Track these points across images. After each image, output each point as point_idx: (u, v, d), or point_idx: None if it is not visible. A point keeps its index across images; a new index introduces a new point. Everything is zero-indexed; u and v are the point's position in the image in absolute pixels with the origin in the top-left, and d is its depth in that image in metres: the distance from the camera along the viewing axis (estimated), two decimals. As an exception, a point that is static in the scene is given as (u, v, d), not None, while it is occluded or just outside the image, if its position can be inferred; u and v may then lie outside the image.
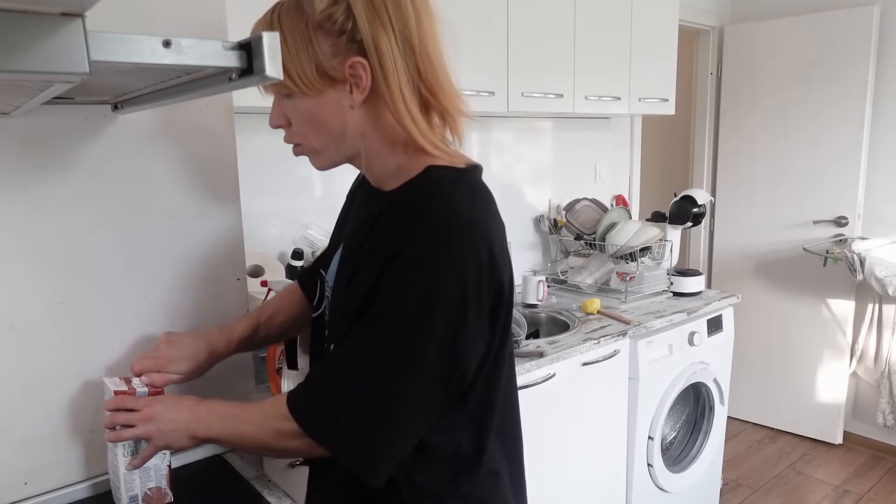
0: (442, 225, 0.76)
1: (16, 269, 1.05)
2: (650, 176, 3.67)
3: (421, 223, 0.76)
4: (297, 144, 0.87)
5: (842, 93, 3.03)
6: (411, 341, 0.75)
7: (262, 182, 1.95)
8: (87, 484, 1.13)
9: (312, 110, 0.82)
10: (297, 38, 0.77)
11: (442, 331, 0.75)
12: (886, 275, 2.74)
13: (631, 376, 2.10)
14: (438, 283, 0.75)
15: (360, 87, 0.79)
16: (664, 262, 2.57)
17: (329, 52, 0.77)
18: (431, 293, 0.75)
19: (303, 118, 0.83)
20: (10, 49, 0.49)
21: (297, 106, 0.82)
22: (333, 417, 0.78)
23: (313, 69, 0.78)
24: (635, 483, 2.18)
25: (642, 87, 2.59)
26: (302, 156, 0.89)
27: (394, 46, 0.77)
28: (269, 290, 1.73)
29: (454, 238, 0.76)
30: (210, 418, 0.87)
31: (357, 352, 0.78)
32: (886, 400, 3.08)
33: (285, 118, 0.85)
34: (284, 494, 1.09)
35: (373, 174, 0.89)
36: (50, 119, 1.04)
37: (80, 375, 1.12)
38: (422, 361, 0.76)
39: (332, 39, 0.77)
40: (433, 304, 0.75)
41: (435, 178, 0.82)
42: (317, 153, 0.87)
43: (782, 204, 3.29)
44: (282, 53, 0.72)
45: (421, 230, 0.76)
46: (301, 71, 0.78)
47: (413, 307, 0.75)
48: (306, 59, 0.78)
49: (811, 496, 2.88)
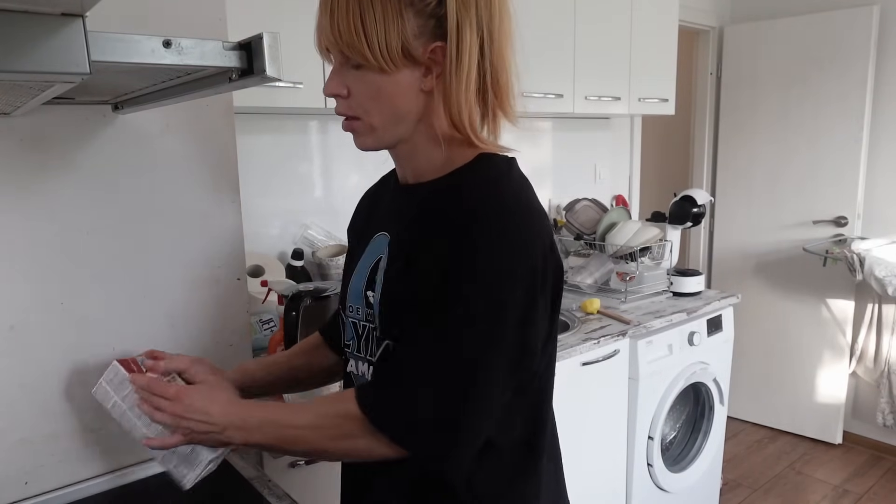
0: (513, 212, 0.77)
1: (16, 269, 1.05)
2: (650, 176, 3.67)
3: (491, 210, 0.76)
4: (352, 118, 0.82)
5: (841, 93, 3.03)
6: (490, 329, 0.75)
7: (262, 182, 1.95)
8: (87, 484, 1.13)
9: (383, 86, 0.78)
10: (389, 11, 0.74)
11: (517, 317, 0.76)
12: (886, 275, 2.73)
13: (631, 376, 2.10)
14: (513, 270, 0.75)
15: (436, 72, 0.78)
16: (664, 262, 2.56)
17: (415, 32, 0.76)
18: (507, 281, 0.75)
19: (370, 92, 0.79)
20: (11, 49, 0.49)
21: (366, 79, 0.78)
22: (415, 414, 0.76)
23: (399, 45, 0.75)
24: (635, 483, 2.18)
25: (642, 87, 2.59)
26: (349, 131, 0.84)
27: (475, 38, 0.77)
28: (270, 290, 1.74)
29: (524, 224, 0.77)
30: (249, 425, 0.82)
31: (434, 344, 0.76)
32: (886, 400, 3.08)
33: (346, 88, 0.80)
34: (285, 494, 1.09)
35: (414, 165, 0.87)
36: (50, 119, 1.04)
37: (80, 375, 1.12)
38: (500, 349, 0.76)
39: (420, 20, 0.76)
40: (509, 292, 0.75)
41: (492, 165, 0.83)
42: (371, 131, 0.82)
43: (782, 204, 3.29)
44: (366, 23, 0.73)
45: (492, 218, 0.76)
46: (387, 44, 0.75)
47: (490, 296, 0.74)
48: (394, 33, 0.75)
49: (811, 496, 2.88)
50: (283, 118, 1.96)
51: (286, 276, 1.91)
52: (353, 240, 1.00)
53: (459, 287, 0.75)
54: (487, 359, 0.76)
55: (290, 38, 0.90)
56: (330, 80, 0.81)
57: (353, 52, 0.75)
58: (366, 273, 0.89)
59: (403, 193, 0.89)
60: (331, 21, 0.75)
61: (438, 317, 0.76)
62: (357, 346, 0.90)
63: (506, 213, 0.77)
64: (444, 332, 0.75)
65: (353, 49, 0.75)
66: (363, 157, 0.90)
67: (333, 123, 2.07)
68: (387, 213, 0.92)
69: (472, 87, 0.78)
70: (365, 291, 0.88)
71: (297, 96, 1.60)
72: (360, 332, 0.89)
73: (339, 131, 2.07)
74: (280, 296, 1.67)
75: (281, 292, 1.67)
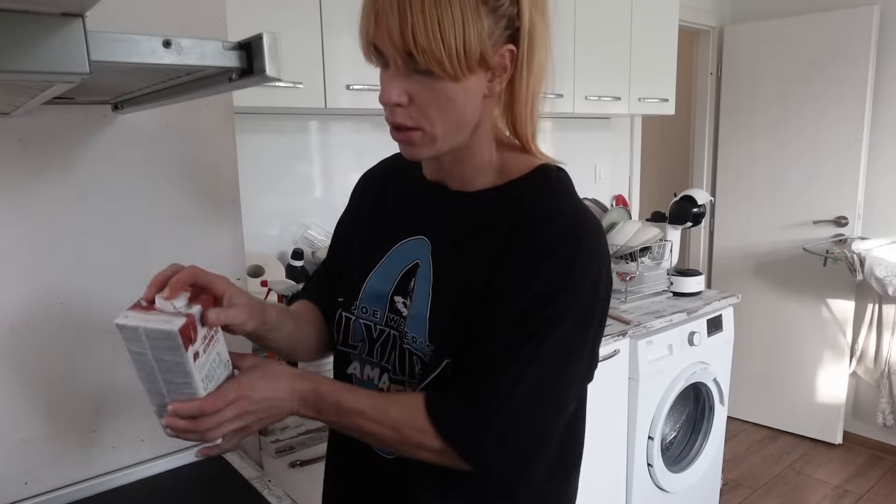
0: (593, 230, 0.75)
1: (16, 269, 1.05)
2: (650, 176, 3.67)
3: (575, 227, 0.74)
4: (411, 128, 0.74)
5: (842, 93, 3.03)
6: (574, 347, 0.74)
7: (262, 182, 1.95)
8: (87, 484, 1.13)
9: (453, 94, 0.71)
10: (468, 12, 0.67)
11: (594, 332, 0.76)
12: (886, 275, 2.73)
13: (631, 376, 2.10)
14: (596, 287, 0.74)
15: (503, 76, 0.73)
16: (664, 262, 2.56)
17: (490, 34, 0.69)
18: (592, 300, 0.74)
19: (437, 101, 0.71)
20: (11, 49, 0.49)
21: (434, 86, 0.70)
22: (503, 445, 0.72)
23: (478, 51, 0.68)
24: (635, 483, 2.18)
25: (642, 87, 2.59)
26: (404, 142, 0.76)
27: (545, 41, 0.73)
28: (269, 290, 1.74)
29: (600, 242, 0.76)
30: (320, 403, 0.75)
31: (518, 363, 0.71)
32: (886, 400, 3.08)
33: (407, 96, 0.71)
34: (285, 494, 1.09)
35: (461, 171, 0.81)
36: (50, 119, 1.04)
37: (80, 375, 1.12)
38: (580, 363, 0.76)
39: (492, 20, 0.69)
40: (592, 310, 0.74)
41: (554, 178, 0.80)
42: (431, 141, 0.75)
43: (782, 204, 3.29)
44: (444, 25, 0.65)
45: (576, 235, 0.73)
46: (465, 50, 0.67)
47: (574, 313, 0.73)
48: (474, 37, 0.67)
49: (811, 496, 2.88)
50: (283, 118, 1.96)
51: (286, 277, 1.91)
52: (357, 230, 0.93)
53: (542, 306, 0.71)
54: (569, 375, 0.75)
55: (290, 38, 0.90)
56: (389, 87, 0.71)
57: (429, 58, 0.67)
58: (394, 277, 0.84)
59: (446, 199, 0.83)
60: (401, 22, 0.66)
61: (522, 337, 0.72)
62: (368, 349, 0.86)
63: (588, 233, 0.75)
64: (528, 357, 0.72)
65: (428, 55, 0.66)
66: (363, 156, 0.90)
67: (333, 123, 2.07)
68: (420, 216, 0.85)
69: (540, 94, 0.75)
70: (392, 296, 0.83)
71: (297, 96, 1.60)
72: (374, 335, 0.85)
73: (339, 131, 2.09)
74: (280, 296, 1.67)
75: (281, 292, 1.67)
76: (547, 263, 0.72)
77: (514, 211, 0.76)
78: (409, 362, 0.81)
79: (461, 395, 0.73)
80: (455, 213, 0.82)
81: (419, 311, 0.80)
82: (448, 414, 0.73)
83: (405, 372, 0.81)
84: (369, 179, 0.97)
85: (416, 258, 0.83)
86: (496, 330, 0.73)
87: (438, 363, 0.77)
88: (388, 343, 0.84)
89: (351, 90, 1.68)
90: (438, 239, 0.82)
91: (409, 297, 0.82)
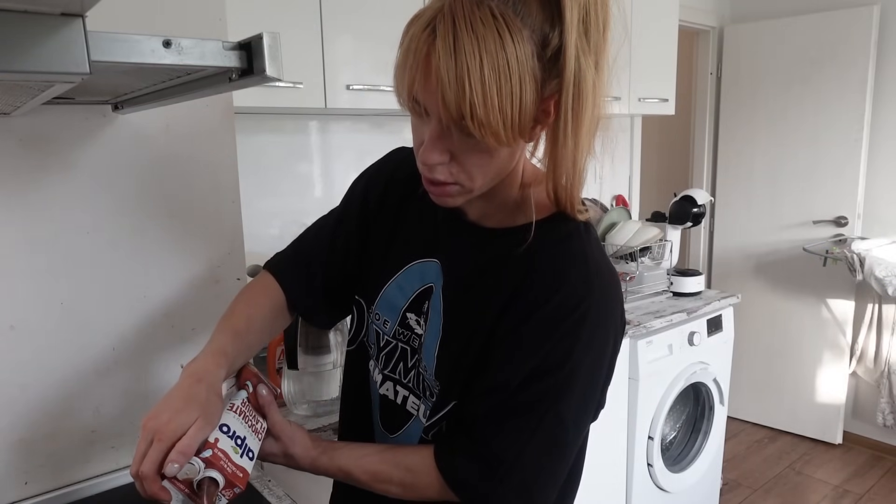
0: (612, 284, 0.74)
1: (16, 269, 1.04)
2: (650, 176, 3.67)
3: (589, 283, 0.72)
4: (451, 184, 0.69)
5: (842, 93, 3.03)
6: (585, 397, 0.75)
7: (262, 182, 1.95)
8: (87, 484, 1.13)
9: (498, 154, 0.66)
10: (526, 74, 0.58)
11: (604, 380, 0.77)
12: (886, 275, 2.73)
13: (631, 376, 2.10)
14: (606, 338, 0.74)
15: (544, 125, 0.65)
16: (664, 262, 2.56)
17: (543, 87, 0.61)
18: (602, 356, 0.75)
19: (481, 160, 0.66)
20: (10, 49, 0.49)
21: (480, 147, 0.63)
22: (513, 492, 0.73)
23: (533, 113, 0.61)
24: (635, 483, 2.18)
25: (642, 87, 2.58)
26: (441, 196, 0.71)
27: (592, 81, 0.62)
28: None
29: (617, 295, 0.75)
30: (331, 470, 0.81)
31: (530, 416, 0.71)
32: (886, 400, 3.08)
33: (449, 154, 0.66)
34: (285, 495, 1.09)
35: (483, 206, 0.78)
36: (50, 119, 1.04)
37: (80, 376, 1.12)
38: (589, 411, 0.77)
39: (543, 72, 0.60)
40: (602, 364, 0.75)
41: (573, 226, 0.75)
42: (468, 194, 0.70)
43: (782, 204, 3.29)
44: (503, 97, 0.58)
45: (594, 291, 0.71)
46: (521, 116, 0.60)
47: (589, 365, 0.73)
48: (530, 105, 0.60)
49: (811, 496, 2.88)
50: (283, 118, 1.96)
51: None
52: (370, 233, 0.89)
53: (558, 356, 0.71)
54: (581, 425, 0.77)
55: (290, 38, 0.90)
56: (432, 147, 0.65)
57: (485, 131, 0.59)
58: (408, 293, 0.82)
59: (465, 229, 0.80)
60: (458, 94, 0.58)
61: (535, 387, 0.71)
62: (375, 353, 0.87)
63: (608, 288, 0.73)
64: (542, 409, 0.72)
65: (485, 128, 0.59)
66: (363, 156, 0.89)
67: (333, 123, 2.07)
68: (437, 239, 0.82)
69: (588, 148, 0.66)
70: (405, 311, 0.82)
71: (297, 96, 1.60)
72: (381, 343, 0.86)
73: (339, 131, 2.09)
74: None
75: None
76: (560, 315, 0.71)
77: (526, 263, 0.73)
78: (423, 385, 0.82)
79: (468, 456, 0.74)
80: (469, 247, 0.79)
81: (431, 341, 0.80)
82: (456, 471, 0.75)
83: (423, 394, 0.83)
84: (375, 182, 0.91)
85: (430, 282, 0.81)
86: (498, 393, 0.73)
87: (445, 404, 0.78)
88: (396, 354, 0.84)
89: (351, 90, 1.68)
90: (451, 272, 0.80)
91: (423, 318, 0.81)
